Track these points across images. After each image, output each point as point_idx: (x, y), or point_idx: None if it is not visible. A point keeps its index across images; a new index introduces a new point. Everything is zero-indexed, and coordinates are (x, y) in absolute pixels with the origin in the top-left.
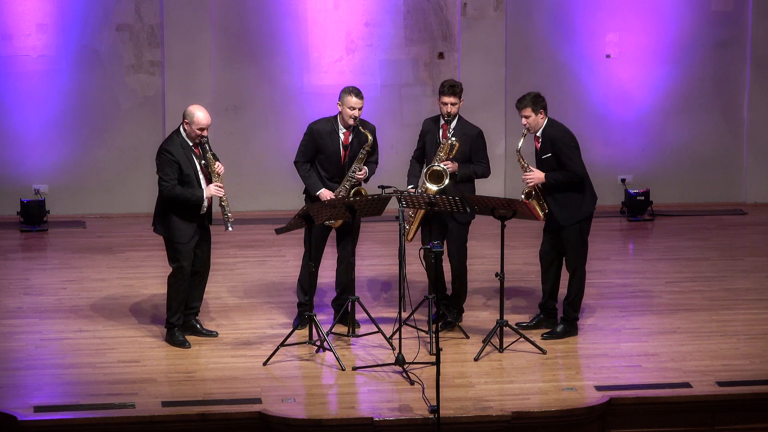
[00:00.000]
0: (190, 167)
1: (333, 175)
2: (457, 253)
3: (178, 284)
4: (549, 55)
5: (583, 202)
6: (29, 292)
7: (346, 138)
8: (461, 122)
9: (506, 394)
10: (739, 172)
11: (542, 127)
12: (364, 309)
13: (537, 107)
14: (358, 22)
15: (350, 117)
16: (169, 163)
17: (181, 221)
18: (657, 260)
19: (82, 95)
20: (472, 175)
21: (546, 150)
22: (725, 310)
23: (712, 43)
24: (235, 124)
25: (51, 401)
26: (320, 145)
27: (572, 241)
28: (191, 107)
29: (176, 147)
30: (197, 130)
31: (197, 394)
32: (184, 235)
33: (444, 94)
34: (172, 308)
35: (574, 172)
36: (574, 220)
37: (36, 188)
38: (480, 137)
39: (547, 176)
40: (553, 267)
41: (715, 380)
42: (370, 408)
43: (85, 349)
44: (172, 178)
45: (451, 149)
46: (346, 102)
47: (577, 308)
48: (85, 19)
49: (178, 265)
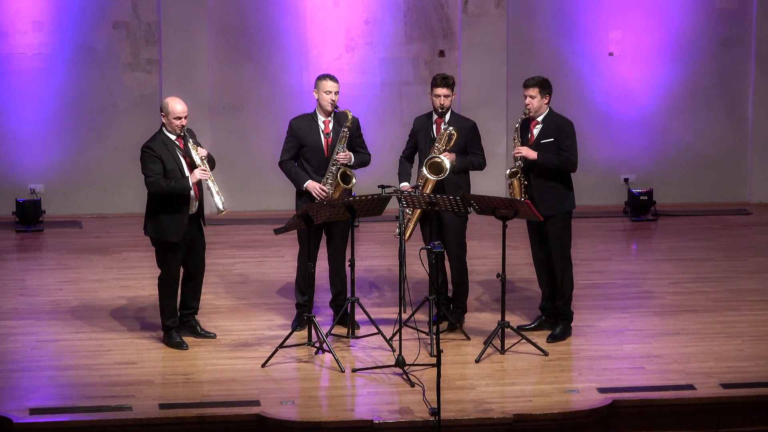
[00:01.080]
0: (173, 162)
1: (318, 167)
2: (456, 248)
3: (167, 287)
4: (551, 53)
5: (566, 197)
6: (25, 293)
7: (326, 126)
8: (454, 116)
9: (507, 397)
10: (744, 171)
11: (544, 114)
12: (364, 310)
13: (544, 91)
14: (357, 20)
15: (327, 102)
16: (151, 159)
17: (169, 219)
18: (660, 261)
19: (78, 94)
20: (468, 166)
21: (548, 134)
22: (729, 311)
23: (716, 40)
24: (234, 122)
25: (47, 403)
26: (301, 138)
27: (555, 233)
28: (166, 99)
29: (158, 143)
30: (174, 120)
31: (195, 397)
32: (173, 233)
33: (437, 85)
34: (165, 312)
35: (570, 159)
36: (555, 210)
37: (31, 188)
38: (474, 129)
39: (540, 155)
40: (545, 267)
41: (719, 382)
42: (369, 410)
43: (82, 350)
44: (156, 173)
45: (449, 139)
46: (322, 87)
47: (570, 302)
48: (81, 16)
49: (167, 268)
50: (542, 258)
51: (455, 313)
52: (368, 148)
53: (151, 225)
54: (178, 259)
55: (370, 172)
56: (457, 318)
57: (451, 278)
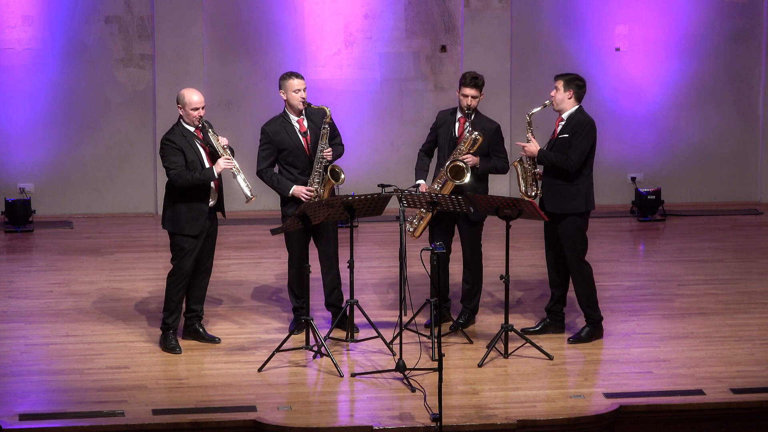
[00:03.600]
0: (193, 153)
1: (303, 168)
2: (471, 253)
3: (177, 282)
4: (556, 48)
5: (576, 197)
6: (14, 295)
7: (302, 125)
8: (479, 116)
9: (511, 402)
10: (755, 169)
11: (571, 111)
12: (363, 313)
13: (569, 85)
14: (357, 14)
15: (298, 101)
16: (173, 151)
17: (189, 213)
18: (668, 262)
19: (69, 90)
20: (492, 169)
21: (566, 131)
22: (740, 314)
23: (726, 35)
24: (229, 119)
25: (37, 409)
26: (279, 143)
27: (566, 234)
28: (182, 91)
29: (177, 135)
30: (191, 111)
31: (189, 402)
32: (192, 227)
33: (465, 85)
34: (169, 308)
35: (569, 158)
36: (561, 209)
37: (21, 187)
38: (498, 132)
39: (540, 151)
40: (556, 268)
41: (729, 387)
42: (369, 416)
43: (73, 354)
44: (179, 165)
45: (473, 144)
46: (290, 86)
47: (595, 306)
48: (72, 10)
49: (180, 263)
50: (553, 259)
51: (465, 313)
52: (363, 145)
53: (170, 218)
54: (192, 255)
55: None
56: (467, 318)
57: (467, 279)
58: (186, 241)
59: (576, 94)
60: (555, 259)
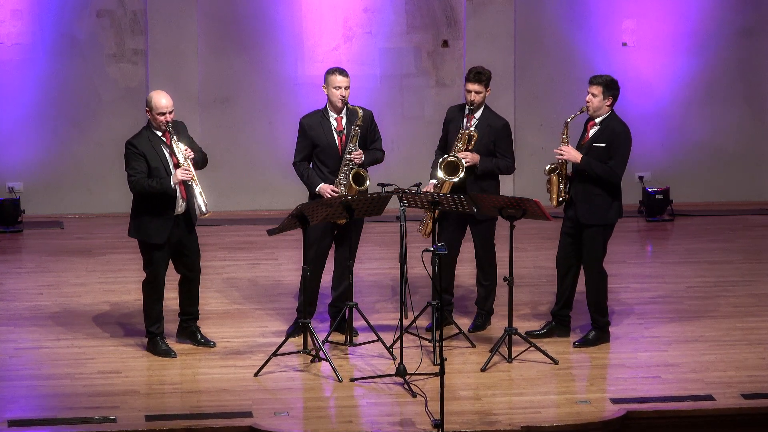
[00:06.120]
0: (157, 160)
1: (334, 167)
2: (484, 252)
3: (152, 291)
4: (561, 43)
5: (610, 208)
6: (3, 297)
7: (339, 124)
8: (487, 112)
9: (515, 407)
10: (765, 168)
11: (604, 116)
12: (363, 316)
13: (608, 92)
14: (356, 8)
15: (338, 98)
16: (134, 156)
17: (154, 220)
18: (677, 263)
19: (59, 86)
20: (494, 169)
21: (601, 139)
22: (751, 317)
23: (735, 30)
24: (224, 116)
25: (26, 415)
26: (313, 138)
27: (592, 243)
28: (151, 93)
29: (142, 140)
30: (158, 116)
31: (183, 407)
32: (158, 235)
33: (469, 80)
34: (150, 317)
35: (614, 172)
36: (595, 220)
37: (10, 186)
38: (505, 129)
39: (584, 159)
40: (571, 273)
41: (739, 392)
42: (369, 422)
43: (63, 359)
44: (139, 171)
45: (469, 140)
46: (331, 82)
47: (604, 312)
48: (62, 4)
49: (152, 271)
50: (570, 264)
51: (481, 315)
52: None
53: (135, 226)
54: (163, 262)
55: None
56: (483, 321)
57: (480, 280)
58: (154, 248)
59: (613, 99)
60: (572, 265)
